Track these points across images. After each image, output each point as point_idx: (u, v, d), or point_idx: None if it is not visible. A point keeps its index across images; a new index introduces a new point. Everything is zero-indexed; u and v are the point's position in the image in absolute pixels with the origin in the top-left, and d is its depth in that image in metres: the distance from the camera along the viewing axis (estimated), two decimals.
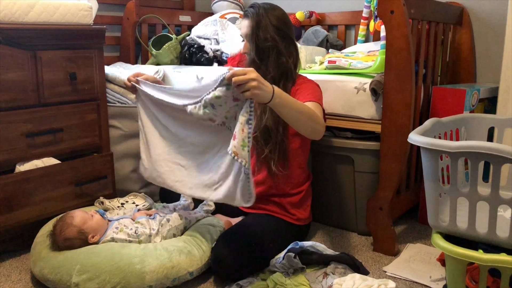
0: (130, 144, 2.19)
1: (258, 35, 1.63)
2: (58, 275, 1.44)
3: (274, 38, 1.63)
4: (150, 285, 1.44)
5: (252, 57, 1.66)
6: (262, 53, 1.65)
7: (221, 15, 2.69)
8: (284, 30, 1.66)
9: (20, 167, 1.73)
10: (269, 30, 1.63)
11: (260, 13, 1.64)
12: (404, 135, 1.60)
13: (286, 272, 1.53)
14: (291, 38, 1.70)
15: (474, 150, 1.21)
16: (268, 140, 1.64)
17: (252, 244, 1.54)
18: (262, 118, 1.63)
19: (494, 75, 2.22)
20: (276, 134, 1.63)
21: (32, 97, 1.74)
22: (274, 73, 1.64)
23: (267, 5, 1.67)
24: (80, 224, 1.56)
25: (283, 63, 1.65)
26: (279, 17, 1.66)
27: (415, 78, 1.67)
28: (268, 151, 1.63)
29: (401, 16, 1.57)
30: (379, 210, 1.74)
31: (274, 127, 1.62)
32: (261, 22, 1.63)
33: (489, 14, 2.20)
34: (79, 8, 1.85)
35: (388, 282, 1.48)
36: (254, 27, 1.64)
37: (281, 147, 1.65)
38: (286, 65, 1.66)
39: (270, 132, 1.63)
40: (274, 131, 1.62)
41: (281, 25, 1.66)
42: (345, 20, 2.62)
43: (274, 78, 1.64)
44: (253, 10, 1.66)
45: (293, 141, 1.69)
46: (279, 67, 1.65)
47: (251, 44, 1.65)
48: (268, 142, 1.64)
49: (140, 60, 2.72)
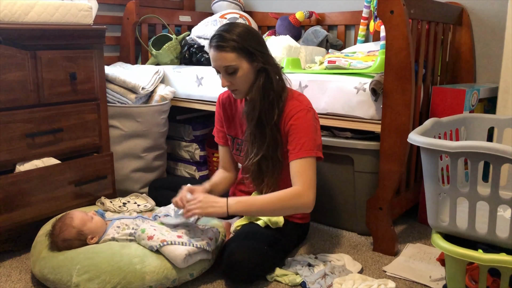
0: (130, 144, 2.19)
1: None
2: (58, 275, 1.44)
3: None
4: (150, 285, 1.44)
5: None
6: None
7: (221, 15, 2.69)
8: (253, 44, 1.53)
9: (20, 167, 1.73)
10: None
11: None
12: (404, 135, 1.60)
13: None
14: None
15: (474, 150, 1.21)
16: (262, 177, 1.62)
17: (265, 247, 1.53)
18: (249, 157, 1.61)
19: (494, 75, 2.22)
20: (268, 169, 1.60)
21: (32, 97, 1.74)
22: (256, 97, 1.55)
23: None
24: (80, 225, 1.56)
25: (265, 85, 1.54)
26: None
27: (415, 78, 1.68)
28: (265, 186, 1.62)
29: (401, 16, 1.57)
30: (379, 210, 1.74)
31: (264, 164, 1.59)
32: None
33: (489, 14, 2.20)
34: (79, 8, 1.85)
35: (388, 282, 1.48)
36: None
37: (275, 180, 1.61)
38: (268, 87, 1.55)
39: (263, 170, 1.60)
40: (265, 167, 1.59)
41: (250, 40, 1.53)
42: (345, 20, 2.62)
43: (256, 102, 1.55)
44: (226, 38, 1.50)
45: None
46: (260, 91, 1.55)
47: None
48: (263, 179, 1.62)
49: (140, 60, 2.72)
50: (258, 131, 1.58)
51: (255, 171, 1.61)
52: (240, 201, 1.51)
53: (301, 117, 1.54)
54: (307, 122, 1.54)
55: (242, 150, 1.71)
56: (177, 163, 2.66)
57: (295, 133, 1.54)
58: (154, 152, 2.30)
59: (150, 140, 2.26)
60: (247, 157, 1.63)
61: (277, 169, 1.60)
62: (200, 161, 2.58)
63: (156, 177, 2.33)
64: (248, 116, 1.58)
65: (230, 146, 1.81)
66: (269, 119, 1.55)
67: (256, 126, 1.57)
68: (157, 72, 2.35)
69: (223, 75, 1.55)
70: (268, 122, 1.55)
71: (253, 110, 1.55)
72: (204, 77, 2.28)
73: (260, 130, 1.57)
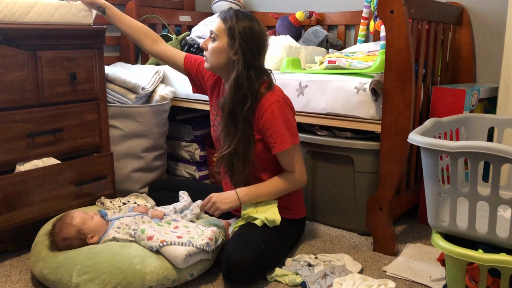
0: (130, 144, 2.19)
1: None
2: (58, 275, 1.44)
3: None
4: (150, 285, 1.44)
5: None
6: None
7: None
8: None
9: (20, 167, 1.73)
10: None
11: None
12: (404, 135, 1.60)
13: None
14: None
15: (474, 150, 1.21)
16: (233, 171, 1.69)
17: (263, 247, 1.54)
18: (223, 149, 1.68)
19: (494, 75, 2.22)
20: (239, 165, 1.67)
21: (32, 97, 1.74)
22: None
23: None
24: (80, 224, 1.56)
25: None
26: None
27: (415, 78, 1.68)
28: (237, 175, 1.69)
29: (401, 16, 1.57)
30: (379, 210, 1.74)
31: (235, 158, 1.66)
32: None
33: (489, 14, 2.20)
34: (79, 8, 1.85)
35: (388, 282, 1.48)
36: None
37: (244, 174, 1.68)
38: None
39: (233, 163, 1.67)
40: (236, 162, 1.66)
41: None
42: (345, 20, 2.62)
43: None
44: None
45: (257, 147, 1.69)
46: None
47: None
48: (234, 173, 1.69)
49: (140, 60, 2.72)
50: (231, 123, 1.64)
51: (227, 164, 1.68)
52: (248, 192, 1.66)
53: (274, 110, 1.61)
54: (281, 113, 1.62)
55: (217, 130, 1.77)
56: (177, 163, 2.66)
57: (272, 127, 1.62)
58: (154, 152, 2.30)
59: (150, 140, 2.25)
60: (221, 148, 1.70)
61: (247, 167, 1.66)
62: (200, 161, 2.58)
63: (156, 177, 2.33)
64: (222, 105, 1.66)
65: (210, 117, 1.87)
66: (241, 112, 1.62)
67: (228, 117, 1.64)
68: (157, 72, 2.35)
69: (207, 38, 1.69)
70: (240, 114, 1.62)
71: (226, 100, 1.64)
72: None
73: (233, 122, 1.64)
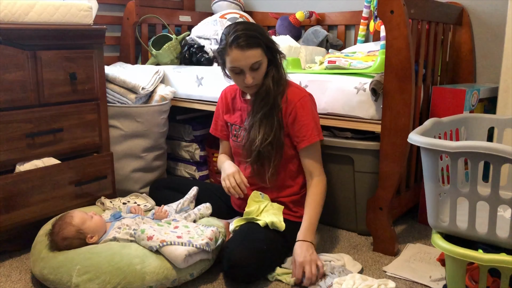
0: (130, 144, 2.19)
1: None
2: (58, 275, 1.44)
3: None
4: (150, 285, 1.44)
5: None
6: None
7: (221, 15, 2.69)
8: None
9: (20, 167, 1.73)
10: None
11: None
12: (404, 135, 1.60)
13: None
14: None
15: (474, 150, 1.21)
16: (262, 162, 1.67)
17: (265, 246, 1.54)
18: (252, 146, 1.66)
19: (494, 75, 2.22)
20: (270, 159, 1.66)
21: (32, 97, 1.74)
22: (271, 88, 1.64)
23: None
24: (79, 224, 1.56)
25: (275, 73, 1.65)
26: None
27: (415, 78, 1.68)
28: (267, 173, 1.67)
29: (401, 16, 1.57)
30: (379, 210, 1.74)
31: (266, 152, 1.64)
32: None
33: (489, 14, 2.20)
34: (79, 8, 1.85)
35: (388, 282, 1.48)
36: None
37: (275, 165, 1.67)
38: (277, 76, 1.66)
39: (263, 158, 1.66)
40: (267, 153, 1.64)
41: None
42: (345, 20, 2.62)
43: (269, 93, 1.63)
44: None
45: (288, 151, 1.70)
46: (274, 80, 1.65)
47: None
48: (263, 164, 1.67)
49: (140, 60, 2.72)
50: (267, 117, 1.63)
51: (255, 156, 1.65)
52: (308, 229, 1.60)
53: (304, 105, 1.63)
54: (310, 108, 1.65)
55: (239, 136, 1.76)
56: (177, 163, 2.66)
57: (302, 120, 1.63)
58: (154, 152, 2.30)
59: (150, 140, 2.25)
60: (251, 143, 1.66)
61: (279, 152, 1.65)
62: (200, 161, 2.58)
63: (156, 177, 2.33)
64: (261, 102, 1.63)
65: (227, 132, 1.86)
66: (277, 106, 1.63)
67: (265, 113, 1.63)
68: (157, 72, 2.35)
69: (248, 72, 1.59)
70: (276, 108, 1.62)
71: (267, 97, 1.62)
72: (204, 77, 2.28)
73: (269, 117, 1.63)
